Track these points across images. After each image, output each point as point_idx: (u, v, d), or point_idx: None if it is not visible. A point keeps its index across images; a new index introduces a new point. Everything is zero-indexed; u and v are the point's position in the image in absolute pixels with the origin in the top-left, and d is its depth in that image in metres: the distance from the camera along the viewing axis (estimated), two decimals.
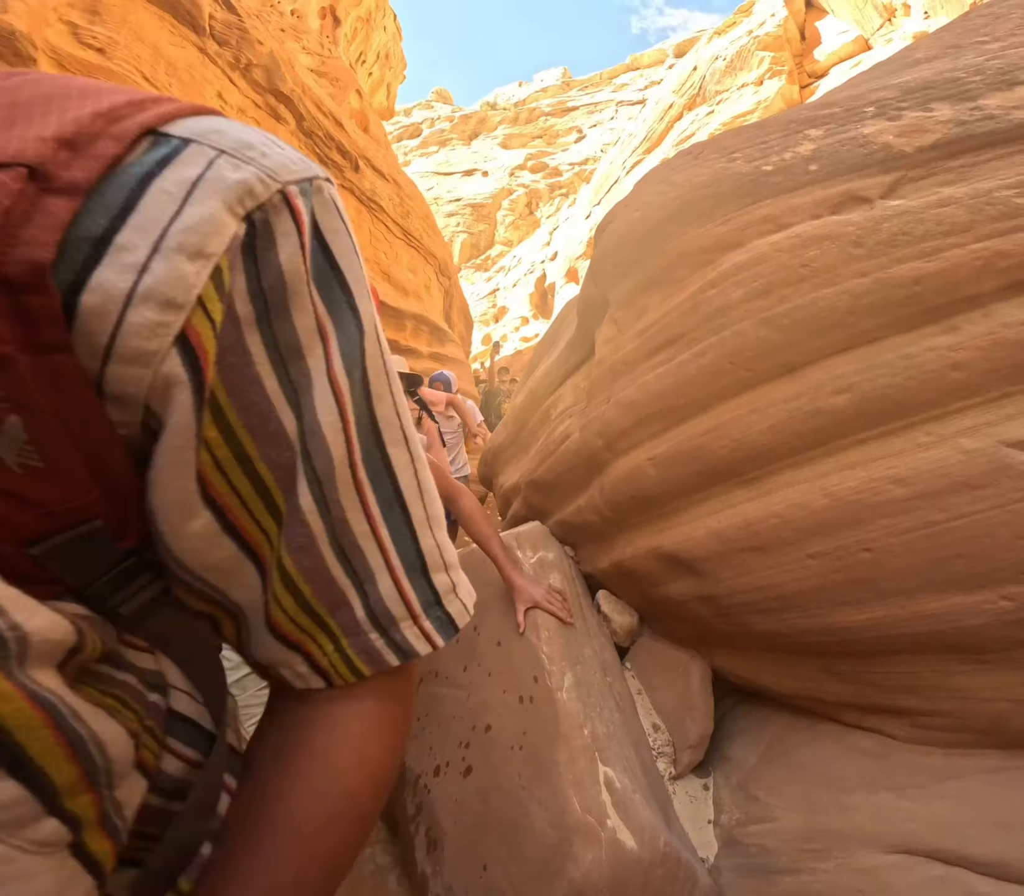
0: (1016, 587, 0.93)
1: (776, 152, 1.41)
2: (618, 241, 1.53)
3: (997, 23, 1.59)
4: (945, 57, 1.54)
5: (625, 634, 1.89)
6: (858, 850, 1.12)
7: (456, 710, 1.78)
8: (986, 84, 1.28)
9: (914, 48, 1.79)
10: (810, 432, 1.12)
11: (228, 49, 4.67)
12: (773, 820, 1.31)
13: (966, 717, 1.08)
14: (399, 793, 1.85)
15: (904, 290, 1.10)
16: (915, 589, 1.02)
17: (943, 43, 1.65)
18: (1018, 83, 1.25)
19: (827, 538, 1.09)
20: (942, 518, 0.98)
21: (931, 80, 1.38)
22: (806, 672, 1.30)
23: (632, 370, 1.48)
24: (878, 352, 1.10)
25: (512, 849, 1.37)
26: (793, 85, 10.41)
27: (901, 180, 1.23)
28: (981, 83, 1.29)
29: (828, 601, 1.11)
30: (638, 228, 1.46)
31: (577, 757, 1.38)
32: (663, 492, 1.41)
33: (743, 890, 1.30)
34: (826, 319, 1.14)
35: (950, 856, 1.01)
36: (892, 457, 1.04)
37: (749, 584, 1.23)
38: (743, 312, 1.21)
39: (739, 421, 1.21)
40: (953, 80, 1.35)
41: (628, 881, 1.20)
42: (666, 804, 1.49)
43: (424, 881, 1.55)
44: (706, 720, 1.57)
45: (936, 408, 1.03)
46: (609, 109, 30.26)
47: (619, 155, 16.77)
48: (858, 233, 1.17)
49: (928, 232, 1.11)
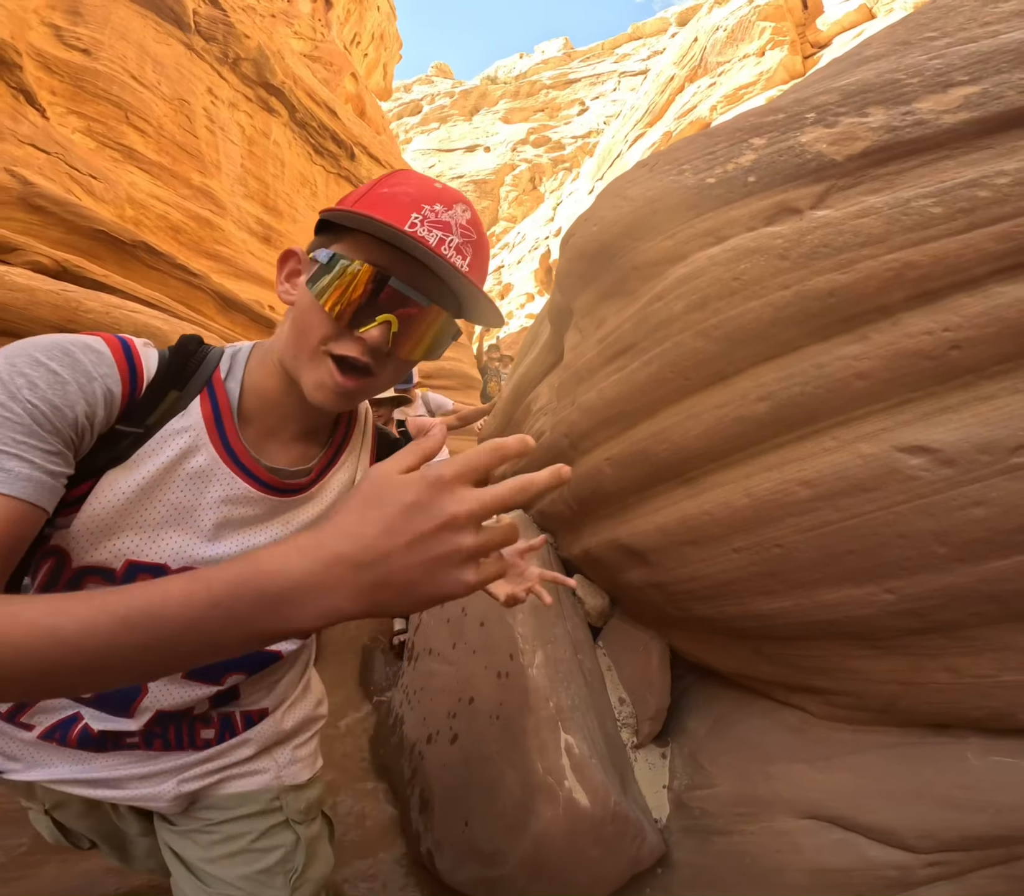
0: (897, 581, 1.04)
1: (720, 163, 1.45)
2: (579, 254, 1.61)
3: (949, 17, 1.55)
4: (893, 55, 1.53)
5: (597, 615, 2.03)
6: (777, 815, 1.27)
7: (446, 683, 1.96)
8: (923, 86, 1.27)
9: (867, 44, 1.78)
10: (736, 436, 1.23)
11: (215, 45, 4.67)
12: (713, 787, 1.46)
13: (865, 697, 1.20)
14: (397, 759, 2.04)
15: (820, 302, 1.16)
16: (816, 581, 1.13)
17: (894, 39, 1.63)
18: (953, 84, 1.24)
19: (747, 534, 1.20)
20: (838, 518, 1.08)
21: (871, 83, 1.37)
22: (741, 653, 1.43)
23: (593, 376, 1.59)
24: (795, 361, 1.18)
25: (489, 807, 1.54)
26: (796, 55, 10.11)
27: (830, 189, 1.26)
28: (918, 85, 1.28)
29: (749, 591, 1.23)
30: (595, 242, 1.54)
31: (542, 726, 1.53)
32: (619, 489, 1.53)
33: (687, 849, 1.45)
34: (752, 330, 1.22)
35: (848, 822, 1.15)
36: (802, 460, 1.14)
37: (688, 574, 1.36)
38: (683, 324, 1.31)
39: (679, 426, 1.31)
40: (892, 82, 1.34)
41: (582, 834, 1.36)
42: (625, 770, 1.64)
43: (417, 837, 1.74)
44: (663, 695, 1.72)
45: (841, 414, 1.12)
46: (611, 80, 29.40)
47: (621, 128, 16.41)
48: (785, 245, 1.22)
49: (846, 244, 1.16)
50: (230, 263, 3.96)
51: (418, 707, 2.06)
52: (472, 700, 1.79)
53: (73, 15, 3.73)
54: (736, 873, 1.30)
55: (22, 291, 1.87)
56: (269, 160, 5.11)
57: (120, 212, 3.24)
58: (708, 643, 1.56)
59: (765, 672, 1.40)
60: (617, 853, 1.40)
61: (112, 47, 3.75)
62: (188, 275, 3.32)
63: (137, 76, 3.91)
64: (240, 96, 5.06)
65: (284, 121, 5.49)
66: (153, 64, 4.10)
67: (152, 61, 4.09)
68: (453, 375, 6.09)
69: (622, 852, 1.41)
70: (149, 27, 4.14)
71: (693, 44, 13.03)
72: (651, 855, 1.44)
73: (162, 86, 4.15)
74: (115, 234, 2.88)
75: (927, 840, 1.08)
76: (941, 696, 1.12)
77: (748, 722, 1.50)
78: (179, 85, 4.29)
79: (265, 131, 5.18)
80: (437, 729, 1.89)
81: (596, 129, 25.68)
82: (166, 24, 4.29)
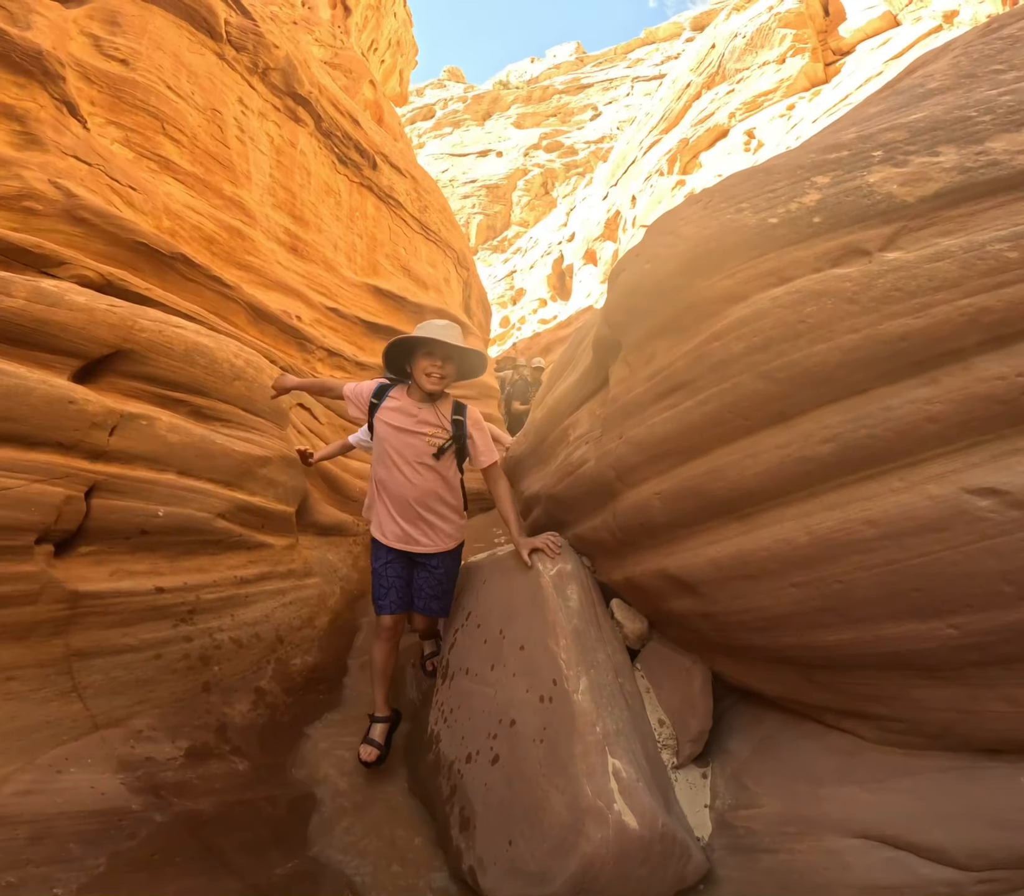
0: (960, 617, 1.08)
1: (783, 202, 1.42)
2: (630, 290, 1.63)
3: (1015, 48, 1.54)
4: (959, 89, 1.50)
5: (636, 639, 2.06)
6: (827, 834, 1.30)
7: (485, 705, 1.98)
8: (995, 125, 1.25)
9: (929, 75, 1.76)
10: (797, 476, 1.25)
11: (245, 54, 4.72)
12: (759, 806, 1.49)
13: (921, 723, 1.24)
14: (434, 777, 2.06)
15: (891, 346, 1.16)
16: (878, 616, 1.16)
17: (959, 71, 1.60)
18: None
19: (807, 570, 1.23)
20: (904, 556, 1.10)
21: (940, 120, 1.34)
22: (790, 679, 1.46)
23: (642, 411, 1.61)
24: (862, 404, 1.20)
25: (534, 827, 1.57)
26: (817, 63, 10.11)
27: (901, 231, 1.24)
28: (991, 123, 1.26)
29: (806, 623, 1.26)
30: (648, 279, 1.56)
31: (590, 751, 1.56)
32: (668, 522, 1.56)
33: (731, 866, 1.49)
34: (818, 373, 1.23)
35: (900, 842, 1.18)
36: (867, 500, 1.16)
37: (741, 606, 1.39)
38: (743, 365, 1.32)
39: (736, 465, 1.34)
40: (962, 120, 1.31)
41: (631, 855, 1.40)
42: (667, 790, 1.68)
43: (458, 854, 1.76)
44: (705, 718, 1.75)
45: (910, 456, 1.14)
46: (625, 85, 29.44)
47: (636, 135, 16.43)
48: (854, 289, 1.21)
49: (920, 288, 1.14)
50: (260, 273, 4.00)
51: (455, 726, 2.08)
52: (513, 722, 1.81)
53: (111, 25, 3.77)
54: (782, 889, 1.34)
55: (82, 311, 1.91)
56: (296, 170, 5.16)
57: (158, 223, 3.28)
58: (755, 669, 1.59)
59: (815, 698, 1.43)
60: (663, 871, 1.44)
61: (149, 57, 3.80)
62: (222, 286, 3.36)
63: (173, 86, 3.96)
64: (269, 106, 5.12)
65: (310, 130, 5.54)
66: (187, 74, 4.16)
67: (186, 71, 4.14)
68: (472, 385, 6.12)
69: (668, 870, 1.45)
70: (183, 37, 4.19)
71: (710, 51, 13.05)
72: (696, 872, 1.48)
73: (195, 96, 4.20)
74: (155, 246, 2.92)
75: (979, 859, 1.11)
76: (998, 724, 1.16)
77: (795, 744, 1.53)
78: (211, 95, 4.34)
79: (292, 141, 5.23)
80: (477, 749, 1.91)
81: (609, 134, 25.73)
82: (199, 34, 4.35)
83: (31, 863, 1.42)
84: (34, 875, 1.41)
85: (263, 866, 1.74)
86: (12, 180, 2.53)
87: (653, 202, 12.71)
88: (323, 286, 4.90)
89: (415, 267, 6.64)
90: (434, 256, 7.30)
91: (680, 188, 11.80)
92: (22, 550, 1.69)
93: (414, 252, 6.81)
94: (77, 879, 1.44)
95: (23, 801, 1.51)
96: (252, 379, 2.59)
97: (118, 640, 1.92)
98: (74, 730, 1.74)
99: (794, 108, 9.82)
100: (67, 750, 1.69)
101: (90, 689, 1.83)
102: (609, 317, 1.81)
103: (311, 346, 4.32)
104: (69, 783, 1.62)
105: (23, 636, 1.71)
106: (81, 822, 1.55)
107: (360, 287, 5.54)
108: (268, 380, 2.71)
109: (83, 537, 1.90)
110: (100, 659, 1.87)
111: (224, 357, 2.44)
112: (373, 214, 6.33)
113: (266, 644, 2.48)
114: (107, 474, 1.92)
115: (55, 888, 1.41)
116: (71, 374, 1.97)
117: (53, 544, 1.82)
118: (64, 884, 1.42)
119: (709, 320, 1.44)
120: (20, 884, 1.37)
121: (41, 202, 2.55)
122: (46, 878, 1.42)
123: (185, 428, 2.19)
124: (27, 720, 1.66)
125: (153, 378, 2.20)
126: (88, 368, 2.05)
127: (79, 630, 1.83)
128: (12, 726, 1.62)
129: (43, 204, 2.56)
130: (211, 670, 2.19)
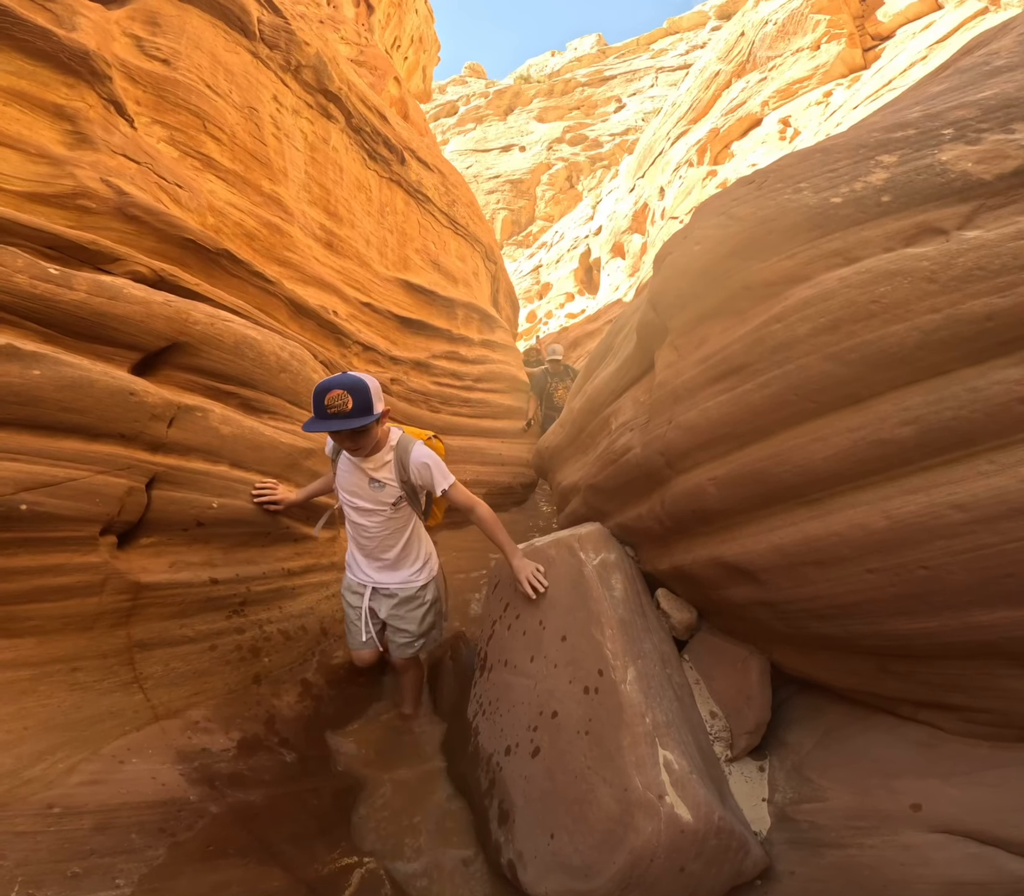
0: None
1: (846, 182, 1.39)
2: (678, 273, 1.60)
3: None
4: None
5: (683, 629, 2.03)
6: (903, 829, 1.26)
7: (524, 697, 1.96)
8: None
9: (994, 53, 1.72)
10: (872, 459, 1.21)
11: (278, 52, 4.77)
12: (825, 800, 1.45)
13: (1012, 715, 1.19)
14: (473, 770, 2.06)
15: (976, 326, 1.12)
16: (967, 603, 1.12)
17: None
18: None
19: (885, 555, 1.19)
20: (997, 541, 1.06)
21: (1013, 97, 1.31)
22: (863, 670, 1.42)
23: (693, 395, 1.58)
24: (945, 385, 1.15)
25: (578, 820, 1.54)
26: (855, 48, 9.77)
27: (979, 209, 1.21)
28: None
29: (884, 611, 1.22)
30: (698, 261, 1.53)
31: (639, 742, 1.54)
32: (724, 508, 1.53)
33: (793, 861, 1.45)
34: (894, 354, 1.19)
35: (986, 836, 1.14)
36: (953, 484, 1.12)
37: (808, 593, 1.35)
38: (809, 347, 1.29)
39: (802, 448, 1.30)
40: None
41: (684, 849, 1.37)
42: (721, 783, 1.65)
43: (497, 847, 1.74)
44: (764, 710, 1.71)
45: (1000, 438, 1.10)
46: (648, 77, 28.97)
47: (662, 126, 16.16)
48: (932, 268, 1.17)
49: (1004, 266, 1.11)
50: (298, 269, 4.05)
51: (494, 718, 2.07)
52: (555, 714, 1.79)
53: (152, 26, 3.84)
54: (851, 885, 1.30)
55: (140, 304, 1.96)
56: (329, 166, 5.21)
57: (203, 220, 3.35)
58: (820, 659, 1.55)
59: (890, 688, 1.39)
60: (719, 866, 1.41)
61: (189, 57, 3.87)
62: (264, 282, 3.42)
63: (211, 85, 4.02)
64: (302, 103, 5.17)
65: (341, 127, 5.58)
66: (224, 73, 4.22)
67: (224, 70, 4.20)
68: (501, 378, 6.11)
69: (724, 865, 1.41)
70: (219, 36, 4.25)
71: (740, 38, 12.72)
72: (754, 867, 1.45)
73: (233, 94, 4.26)
74: (202, 242, 2.98)
75: None
76: None
77: (864, 737, 1.49)
78: (248, 93, 4.40)
79: (325, 137, 5.29)
80: (516, 741, 1.89)
81: (634, 126, 25.37)
82: (233, 33, 4.41)
83: (95, 853, 1.42)
84: (98, 866, 1.40)
85: (309, 858, 1.76)
86: (66, 179, 2.59)
87: (683, 193, 12.48)
88: (357, 281, 4.94)
89: (444, 261, 6.65)
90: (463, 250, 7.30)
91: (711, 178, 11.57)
92: (87, 541, 1.71)
93: (443, 246, 6.82)
94: (138, 870, 1.45)
95: (88, 791, 1.52)
96: (297, 371, 2.63)
97: (176, 631, 1.95)
98: (136, 721, 1.76)
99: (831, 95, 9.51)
100: (129, 741, 1.71)
101: (150, 680, 1.85)
102: (656, 301, 1.78)
103: (348, 341, 4.36)
104: (131, 773, 1.63)
105: (88, 627, 1.73)
106: (143, 813, 1.56)
107: (392, 282, 5.57)
108: (311, 373, 2.74)
109: (144, 528, 1.93)
110: (160, 650, 1.90)
111: (271, 350, 2.48)
112: (403, 209, 6.35)
113: (311, 636, 2.51)
114: (166, 465, 1.95)
115: (117, 878, 1.41)
116: (130, 366, 2.01)
117: (116, 535, 1.85)
118: (126, 875, 1.42)
119: (768, 302, 1.41)
120: (84, 875, 1.37)
121: (94, 200, 2.61)
122: (109, 869, 1.42)
123: (236, 420, 2.23)
124: (92, 710, 1.67)
125: (205, 370, 2.24)
126: (146, 361, 2.09)
127: (140, 621, 1.86)
128: (78, 716, 1.64)
129: (96, 202, 2.62)
130: (261, 662, 2.23)
